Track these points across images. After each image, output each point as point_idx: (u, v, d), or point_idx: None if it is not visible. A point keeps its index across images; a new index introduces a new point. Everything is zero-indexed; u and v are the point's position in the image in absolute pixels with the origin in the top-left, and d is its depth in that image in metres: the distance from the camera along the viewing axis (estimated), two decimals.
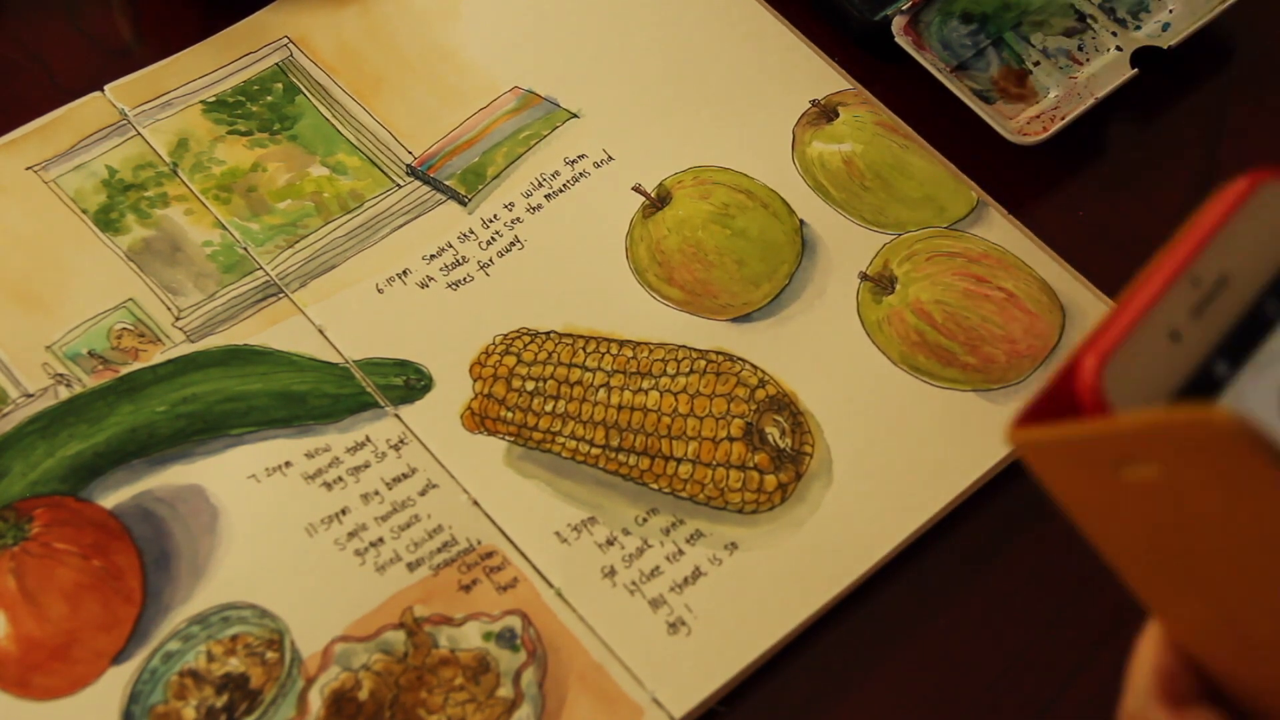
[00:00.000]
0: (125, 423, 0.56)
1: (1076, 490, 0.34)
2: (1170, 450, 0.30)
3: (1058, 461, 0.34)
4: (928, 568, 0.56)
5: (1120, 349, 0.32)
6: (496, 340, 0.59)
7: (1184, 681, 0.36)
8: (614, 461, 0.56)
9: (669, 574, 0.54)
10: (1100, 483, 0.33)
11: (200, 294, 0.59)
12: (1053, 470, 0.34)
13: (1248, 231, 0.33)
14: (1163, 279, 0.33)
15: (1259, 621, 0.33)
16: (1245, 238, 0.33)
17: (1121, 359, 0.32)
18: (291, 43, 0.67)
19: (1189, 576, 0.34)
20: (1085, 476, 0.33)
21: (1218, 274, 0.33)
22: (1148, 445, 0.31)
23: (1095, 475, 0.33)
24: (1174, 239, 0.33)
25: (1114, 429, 0.31)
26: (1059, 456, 0.33)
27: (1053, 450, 0.33)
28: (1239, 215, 0.33)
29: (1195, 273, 0.33)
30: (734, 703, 0.53)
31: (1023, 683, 0.54)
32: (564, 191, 0.63)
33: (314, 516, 0.55)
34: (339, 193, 0.62)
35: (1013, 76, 0.68)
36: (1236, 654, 0.35)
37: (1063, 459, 0.33)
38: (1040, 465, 0.34)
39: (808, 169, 0.64)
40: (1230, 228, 0.33)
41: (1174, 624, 0.36)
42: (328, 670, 0.51)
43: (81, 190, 0.61)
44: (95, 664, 0.51)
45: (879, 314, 0.60)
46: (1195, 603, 0.35)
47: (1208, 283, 0.33)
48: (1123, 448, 0.31)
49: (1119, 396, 0.32)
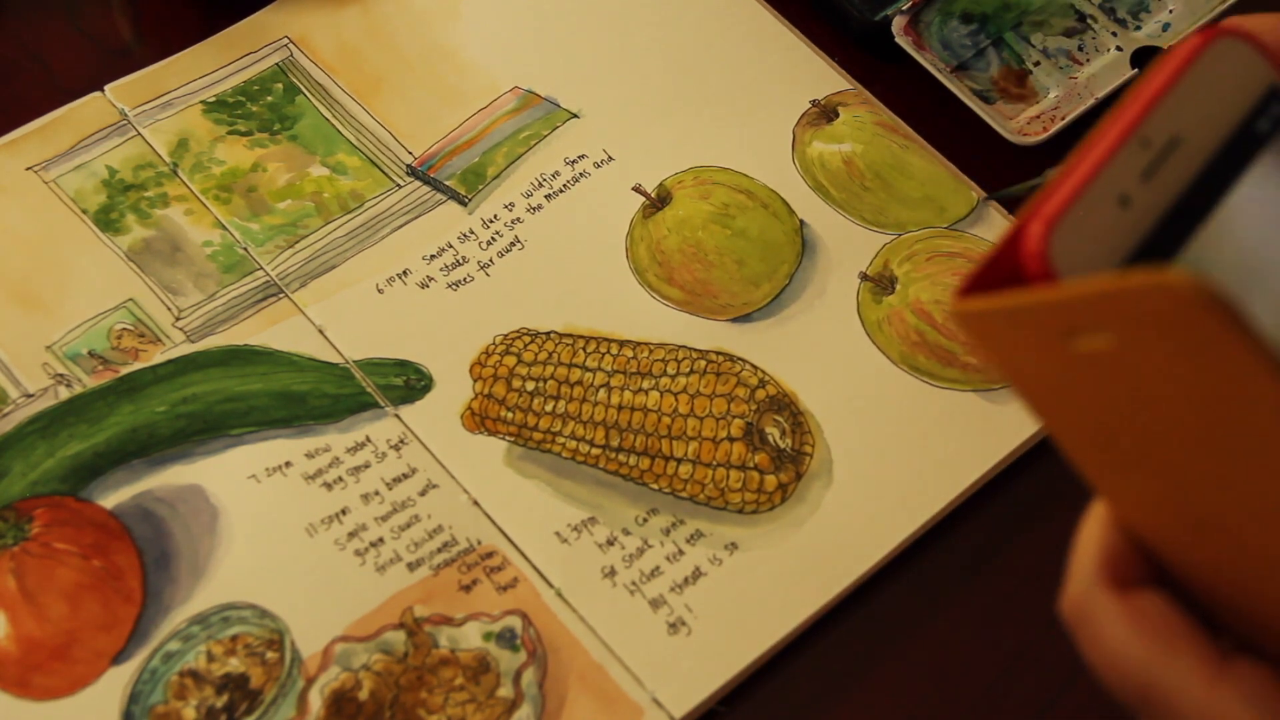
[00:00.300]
0: (125, 423, 0.56)
1: (1024, 364, 0.33)
2: (1125, 318, 0.29)
3: (1004, 333, 0.32)
4: (928, 568, 0.56)
5: (1067, 214, 0.30)
6: (496, 340, 0.59)
7: (1130, 563, 0.35)
8: (614, 461, 0.56)
9: (669, 574, 0.54)
10: (1049, 355, 0.31)
11: (200, 294, 0.59)
12: (999, 343, 0.32)
13: (1200, 91, 0.32)
14: (1111, 141, 0.31)
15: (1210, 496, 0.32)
16: (1197, 97, 0.32)
17: (1069, 225, 0.30)
18: (291, 43, 0.67)
19: (1141, 451, 0.32)
20: (1033, 349, 0.31)
21: (1169, 135, 0.31)
22: (1101, 313, 0.29)
23: (1044, 347, 0.31)
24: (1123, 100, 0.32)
25: (1065, 296, 0.30)
26: (1006, 328, 0.32)
27: (999, 321, 0.31)
28: (1190, 74, 0.32)
29: (1145, 134, 0.31)
30: (734, 703, 0.53)
31: (1023, 683, 0.54)
32: (564, 191, 0.63)
33: (314, 516, 0.55)
34: (339, 193, 0.62)
35: (1013, 76, 0.68)
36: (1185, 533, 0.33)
37: (1010, 330, 0.32)
38: (985, 338, 0.33)
39: (808, 169, 0.64)
40: (1181, 87, 0.32)
41: (1122, 503, 0.35)
42: (328, 670, 0.51)
43: (81, 190, 0.61)
44: (95, 664, 0.51)
45: (879, 314, 0.60)
46: (1146, 479, 0.33)
47: (1158, 144, 0.31)
48: (1074, 316, 0.30)
49: (1066, 264, 0.30)
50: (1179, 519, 0.33)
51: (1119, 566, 0.35)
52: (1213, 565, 0.34)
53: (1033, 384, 0.33)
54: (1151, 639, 0.33)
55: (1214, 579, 0.34)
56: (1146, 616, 0.34)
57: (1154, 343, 0.29)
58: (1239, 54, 0.32)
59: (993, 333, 0.32)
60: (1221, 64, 0.32)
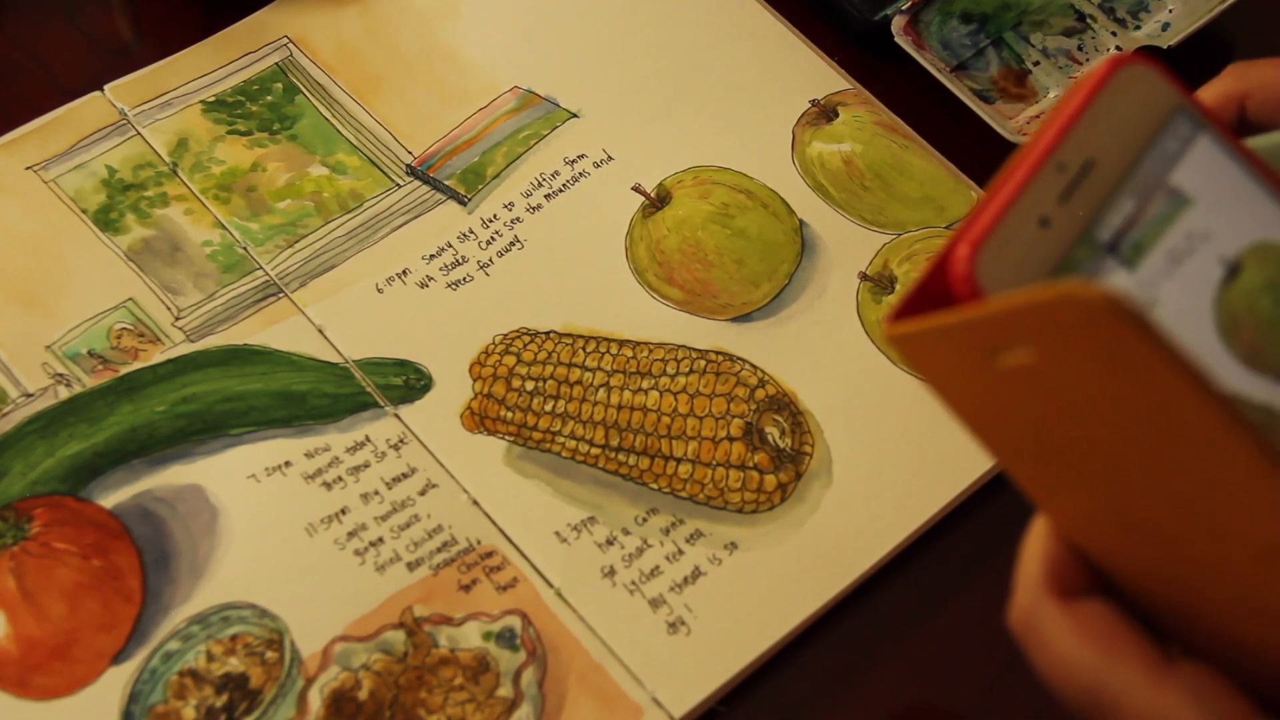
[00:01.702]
0: (125, 422, 0.56)
1: (954, 382, 0.34)
2: (1043, 331, 0.30)
3: (933, 353, 0.33)
4: (928, 568, 0.56)
5: (991, 237, 0.32)
6: (496, 340, 0.59)
7: (1074, 573, 0.36)
8: (614, 461, 0.56)
9: (669, 574, 0.54)
10: (976, 372, 0.32)
11: (200, 294, 0.59)
12: (930, 363, 0.34)
13: (1110, 115, 0.33)
14: (1029, 166, 0.33)
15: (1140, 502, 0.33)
16: (1108, 121, 0.33)
17: (993, 246, 0.32)
18: (291, 43, 0.67)
19: (1070, 464, 0.33)
20: (961, 367, 0.33)
21: (1083, 159, 0.33)
22: (1020, 327, 0.30)
23: (971, 365, 0.32)
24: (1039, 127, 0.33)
25: (986, 312, 0.31)
26: (934, 348, 0.33)
27: (928, 341, 0.33)
28: (1100, 99, 0.33)
29: (1060, 158, 0.33)
30: (734, 703, 0.53)
31: (1022, 682, 0.54)
32: (564, 191, 0.63)
33: (314, 516, 0.55)
34: (339, 192, 0.62)
35: (1012, 76, 0.68)
36: (1123, 540, 0.34)
37: (938, 350, 0.33)
38: (917, 359, 0.34)
39: (807, 169, 0.64)
40: (1093, 112, 0.33)
41: (1061, 515, 0.36)
42: (327, 670, 0.51)
43: (81, 190, 0.61)
44: (95, 664, 0.51)
45: (879, 314, 0.60)
46: (1079, 489, 0.34)
47: (1074, 167, 0.33)
48: (996, 332, 0.31)
49: (992, 284, 0.32)
50: (1115, 527, 0.34)
51: (1063, 577, 0.36)
52: (1152, 572, 0.35)
53: (964, 401, 0.34)
54: (1097, 645, 0.34)
55: (1155, 585, 0.35)
56: (1091, 624, 0.34)
57: (1070, 354, 0.30)
58: (1145, 79, 0.34)
59: (923, 353, 0.34)
60: (1129, 89, 0.34)
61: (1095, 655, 0.34)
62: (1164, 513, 0.32)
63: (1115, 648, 0.34)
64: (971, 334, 0.31)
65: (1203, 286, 0.33)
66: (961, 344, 0.32)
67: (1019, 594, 0.36)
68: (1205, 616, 0.34)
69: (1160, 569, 0.34)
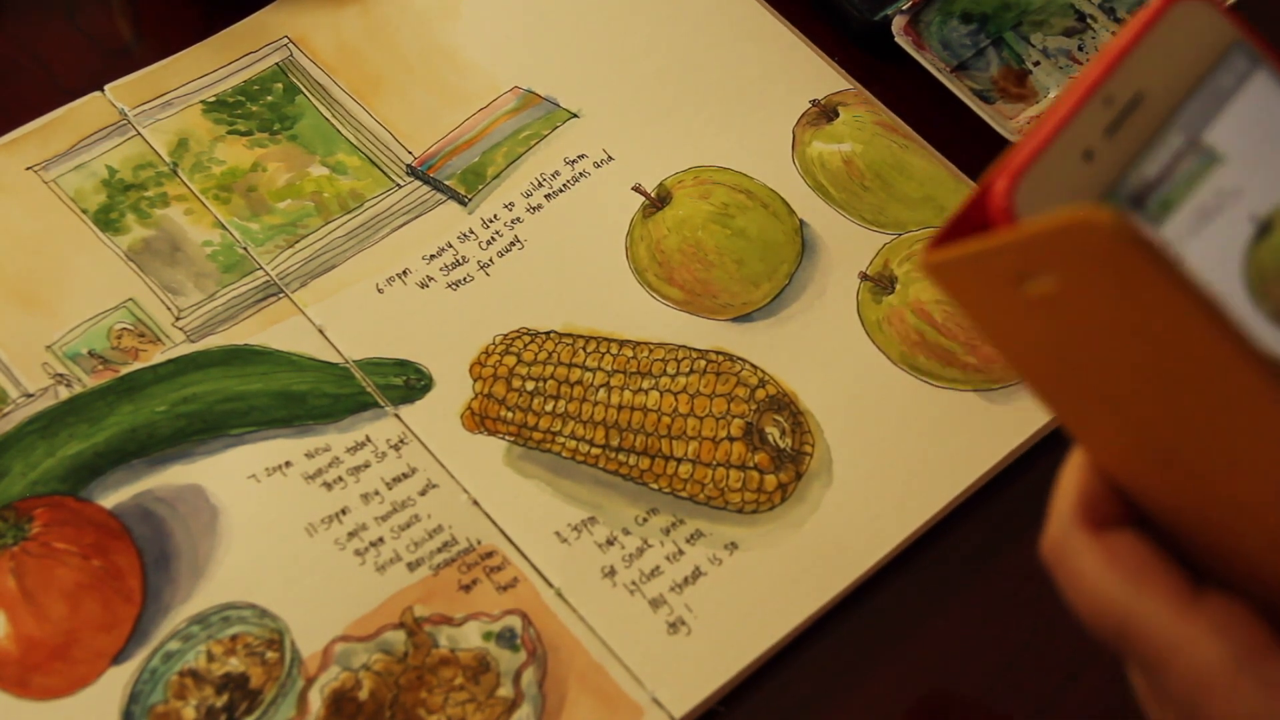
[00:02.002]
0: (125, 423, 0.56)
1: (987, 312, 0.34)
2: (1062, 257, 0.30)
3: (966, 281, 0.33)
4: (928, 568, 0.56)
5: (1032, 168, 0.32)
6: (496, 340, 0.59)
7: (1107, 505, 0.36)
8: (614, 461, 0.56)
9: (669, 574, 0.54)
10: (1006, 300, 0.32)
11: (200, 294, 0.59)
12: (963, 291, 0.34)
13: (1162, 50, 0.33)
14: (1075, 98, 0.32)
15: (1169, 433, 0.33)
16: (1160, 57, 0.33)
17: (1033, 178, 0.32)
18: (291, 43, 0.67)
19: (1098, 394, 0.34)
20: (992, 294, 0.33)
21: (1132, 93, 0.33)
22: (1042, 253, 0.30)
23: (1001, 292, 0.32)
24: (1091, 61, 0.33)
25: (1009, 238, 0.31)
26: (966, 275, 0.33)
27: (960, 269, 0.33)
28: (1152, 34, 0.33)
29: (1108, 91, 0.33)
30: (734, 703, 0.53)
31: (1023, 682, 0.54)
32: (564, 191, 0.63)
33: (314, 516, 0.55)
34: (339, 193, 0.62)
35: (1013, 76, 0.68)
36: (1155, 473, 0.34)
37: (970, 278, 0.33)
38: (951, 287, 0.34)
39: (808, 169, 0.64)
40: (1144, 47, 0.33)
41: (1095, 446, 0.36)
42: (328, 670, 0.51)
43: (81, 190, 0.61)
44: (95, 664, 0.51)
45: (879, 314, 0.60)
46: (1111, 420, 0.34)
47: (1121, 101, 0.33)
48: (1020, 258, 0.31)
49: (1029, 214, 0.32)
50: (1147, 459, 0.34)
51: (1095, 509, 0.36)
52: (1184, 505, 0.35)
53: (998, 331, 0.34)
54: (1125, 575, 0.34)
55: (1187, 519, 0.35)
56: (1120, 554, 0.35)
57: (1088, 282, 0.30)
58: (1201, 14, 0.34)
59: (957, 282, 0.34)
60: (1184, 24, 0.33)
61: (1123, 585, 0.34)
62: (1187, 447, 0.32)
63: (1143, 578, 0.34)
64: (997, 260, 0.32)
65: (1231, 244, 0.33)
66: (991, 271, 0.32)
67: (1051, 525, 0.36)
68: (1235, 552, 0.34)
69: (1189, 503, 0.34)
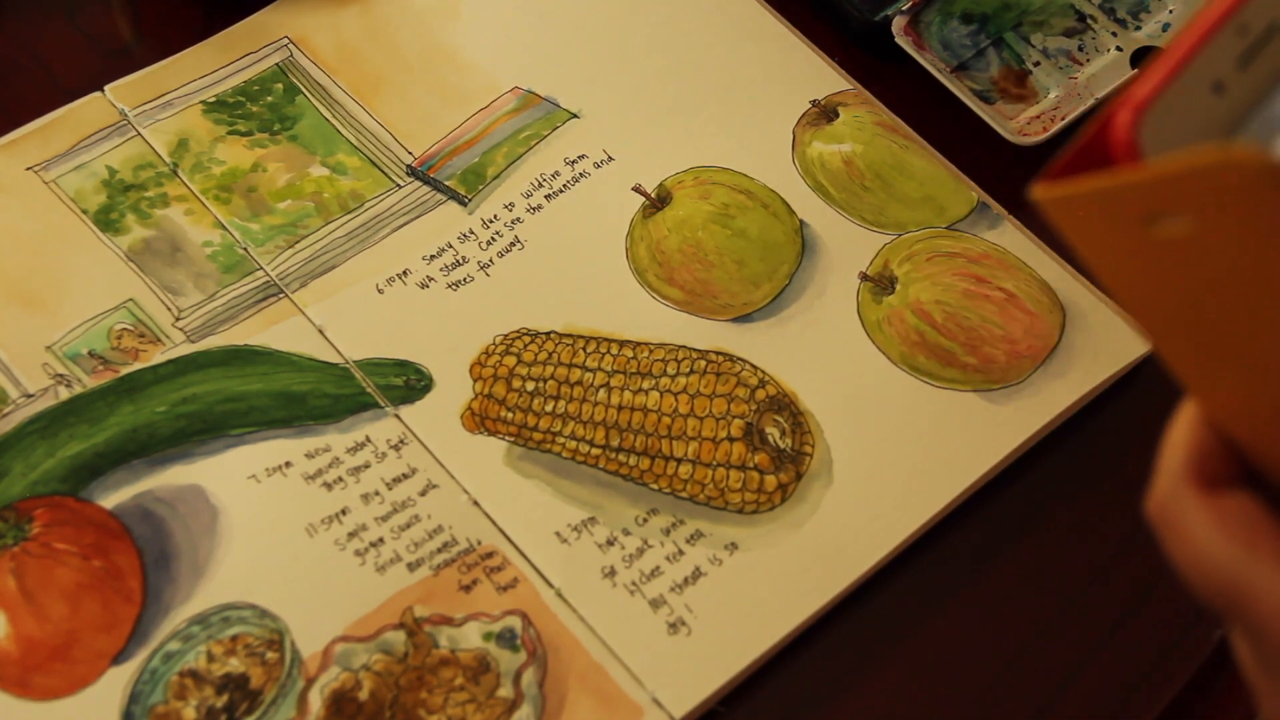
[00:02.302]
0: (125, 423, 0.56)
1: (1106, 252, 0.32)
2: (1199, 197, 0.28)
3: (1086, 220, 0.31)
4: (928, 568, 0.56)
5: (1158, 100, 0.30)
6: (496, 340, 0.59)
7: (1219, 463, 0.34)
8: (614, 462, 0.56)
9: (669, 574, 0.54)
10: (1130, 242, 0.30)
11: (200, 294, 0.59)
12: (1081, 230, 0.32)
13: None
14: (1206, 26, 0.30)
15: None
16: None
17: (1159, 111, 0.30)
18: (291, 43, 0.67)
19: (1224, 343, 0.32)
20: (1114, 235, 0.31)
21: (1268, 21, 0.31)
22: (1176, 193, 0.28)
23: (1125, 234, 0.30)
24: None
25: (1140, 177, 0.29)
26: (1087, 214, 0.31)
27: (1080, 206, 0.31)
28: None
29: (1242, 20, 0.30)
30: (734, 703, 0.53)
31: (1023, 683, 0.54)
32: (564, 192, 0.63)
33: (314, 517, 0.55)
34: (339, 193, 0.62)
35: (1013, 76, 0.68)
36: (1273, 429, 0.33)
37: (1091, 216, 0.31)
38: (1068, 225, 0.32)
39: (808, 169, 0.64)
40: None
41: (1210, 400, 0.34)
42: (328, 670, 0.51)
43: (81, 190, 0.61)
44: (95, 664, 0.51)
45: (879, 314, 0.60)
46: (1231, 373, 0.32)
47: (1256, 30, 0.30)
48: (1151, 198, 0.29)
49: (1155, 149, 0.30)
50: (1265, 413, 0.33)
51: (1207, 466, 0.34)
52: None
53: (1116, 273, 0.32)
54: (1237, 538, 0.33)
55: None
56: (1233, 516, 0.33)
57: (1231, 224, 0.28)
58: None
59: (1075, 219, 0.32)
60: None
61: (1235, 548, 0.33)
62: None
63: (1257, 542, 0.33)
64: (1125, 199, 0.29)
65: None
66: (1116, 211, 0.30)
67: (1159, 481, 0.35)
68: None
69: None
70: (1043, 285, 0.61)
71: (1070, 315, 0.61)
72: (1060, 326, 0.60)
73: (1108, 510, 0.58)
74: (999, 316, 0.60)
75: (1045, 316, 0.61)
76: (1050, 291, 0.61)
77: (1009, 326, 0.60)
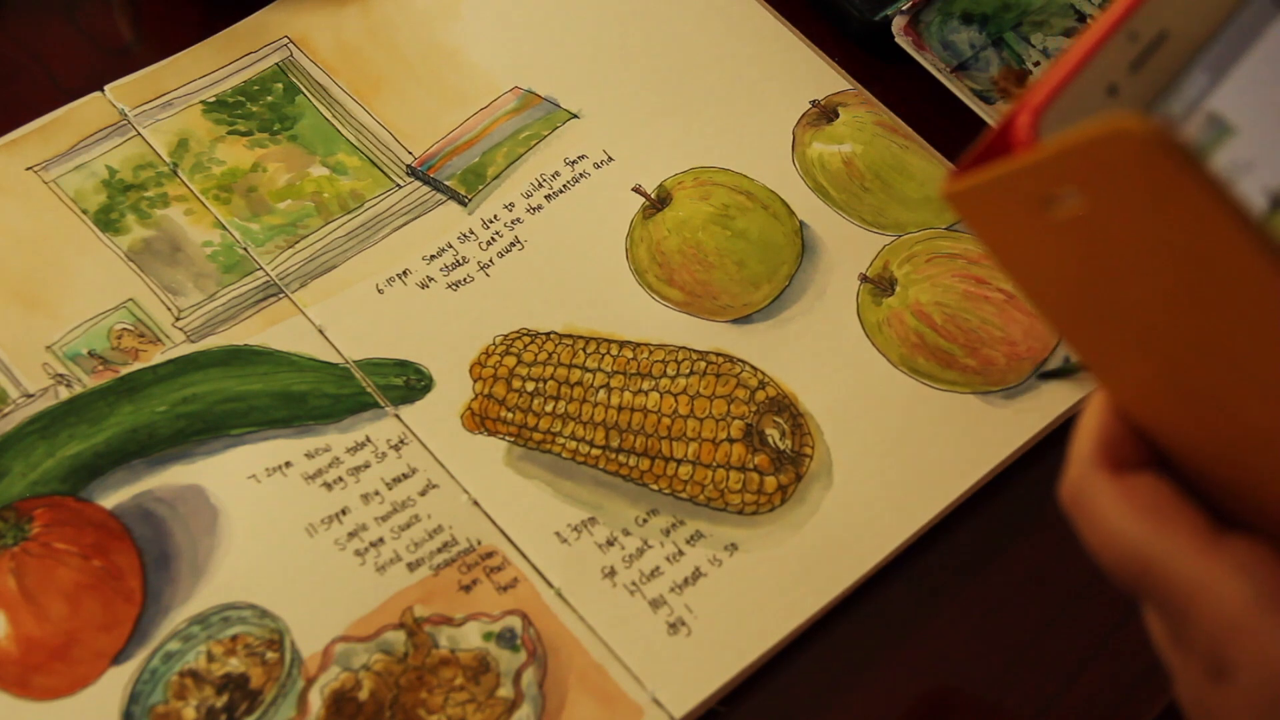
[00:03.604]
0: (125, 423, 0.56)
1: (1010, 241, 0.33)
2: (1092, 170, 0.30)
3: (990, 209, 0.33)
4: (928, 569, 0.56)
5: (1056, 101, 0.31)
6: (497, 340, 0.59)
7: (1127, 447, 0.35)
8: (614, 462, 0.57)
9: (669, 574, 0.54)
10: (1031, 227, 0.32)
11: (200, 294, 0.59)
12: (986, 221, 0.33)
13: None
14: (1099, 33, 0.32)
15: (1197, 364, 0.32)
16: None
17: (1057, 111, 0.31)
18: (291, 43, 0.67)
19: (1124, 323, 0.33)
20: (1016, 222, 0.32)
21: (1157, 29, 0.32)
22: (1070, 168, 0.30)
23: (1025, 218, 0.32)
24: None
25: (1036, 157, 0.30)
26: (990, 202, 0.32)
27: (983, 195, 0.32)
28: None
29: (1133, 27, 0.32)
30: (734, 703, 0.53)
31: (1023, 683, 0.54)
32: (564, 192, 0.63)
33: (314, 517, 0.55)
34: (339, 193, 0.62)
35: (1013, 76, 0.68)
36: (1179, 410, 0.34)
37: (994, 204, 0.32)
38: (973, 216, 0.33)
39: (808, 170, 0.64)
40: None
41: (1117, 385, 0.35)
42: (328, 670, 0.51)
43: (81, 190, 0.61)
44: (95, 664, 0.51)
45: (879, 316, 0.60)
46: (1133, 353, 0.33)
47: (1146, 37, 0.32)
48: (1047, 177, 0.30)
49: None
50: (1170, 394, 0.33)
51: (1116, 451, 0.35)
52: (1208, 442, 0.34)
53: (1020, 261, 0.34)
54: (1145, 516, 0.34)
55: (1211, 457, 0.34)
56: (1141, 496, 0.34)
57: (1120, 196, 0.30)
58: None
59: (980, 210, 0.33)
60: None
61: (1144, 526, 0.34)
62: (1217, 372, 0.32)
63: (1164, 519, 0.34)
64: (1024, 181, 0.31)
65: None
66: (1016, 195, 0.31)
67: (1070, 467, 0.36)
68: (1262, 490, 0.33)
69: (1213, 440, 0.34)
70: None
71: None
72: None
73: None
74: (999, 318, 0.60)
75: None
76: None
77: (1009, 328, 0.60)
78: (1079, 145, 0.29)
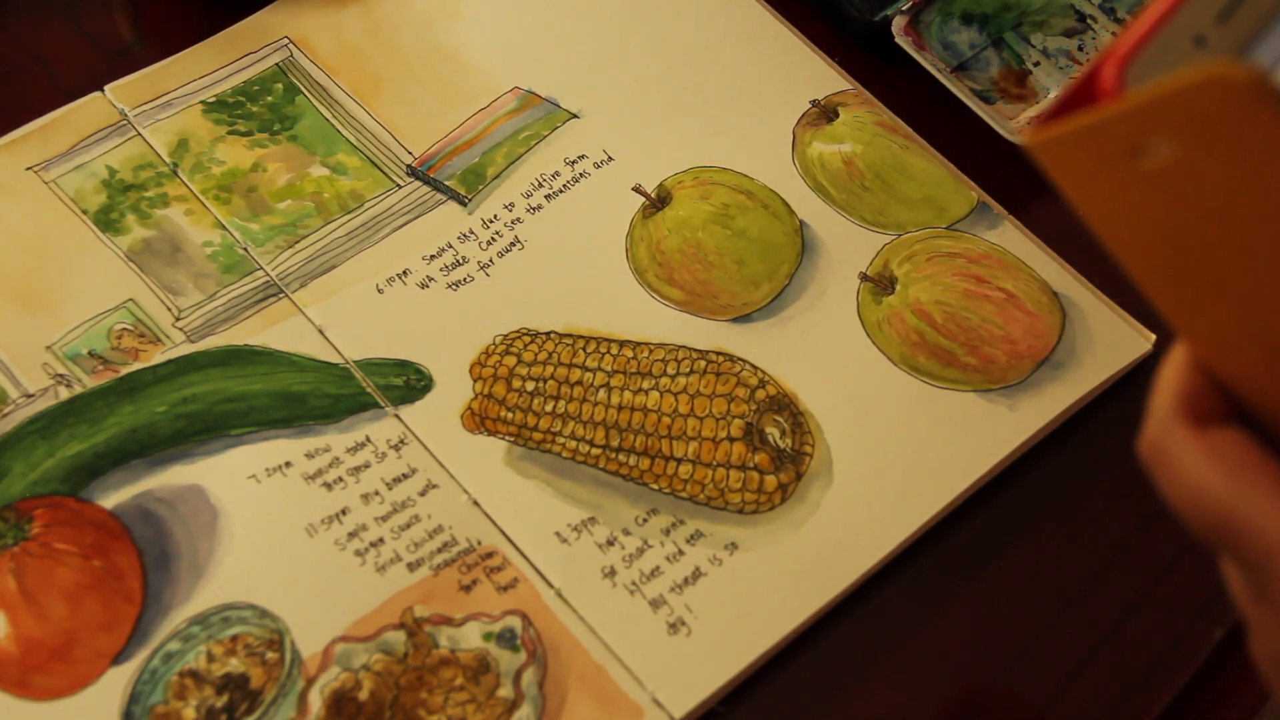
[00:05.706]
0: (125, 423, 0.56)
1: (1096, 194, 0.33)
2: (1183, 119, 0.29)
3: (1074, 159, 0.32)
4: (928, 568, 0.56)
5: (1141, 53, 0.31)
6: (496, 340, 0.59)
7: (1209, 401, 0.34)
8: (614, 462, 0.56)
9: (669, 574, 0.54)
10: (1118, 179, 0.31)
11: (200, 294, 0.59)
12: (1070, 172, 0.32)
13: None
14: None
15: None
16: None
17: (1142, 63, 0.31)
18: (291, 43, 0.67)
19: (1213, 279, 0.32)
20: (1103, 174, 0.31)
21: None
22: (1160, 117, 0.29)
23: (1113, 170, 0.31)
24: None
25: (1125, 106, 0.30)
26: (1075, 152, 0.32)
27: (1068, 145, 0.31)
28: None
29: None
30: (734, 703, 0.53)
31: (1022, 683, 0.54)
32: (564, 192, 0.63)
33: (314, 517, 0.55)
34: (339, 193, 0.62)
35: (1013, 76, 0.68)
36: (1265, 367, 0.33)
37: (1079, 155, 0.32)
38: (1058, 170, 0.33)
39: (808, 169, 0.64)
40: None
41: (1199, 339, 0.35)
42: (328, 670, 0.51)
43: (81, 190, 0.61)
44: (95, 664, 0.51)
45: (879, 314, 0.60)
46: (1220, 309, 0.33)
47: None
48: (1136, 127, 0.30)
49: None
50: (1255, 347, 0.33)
51: (1197, 404, 0.35)
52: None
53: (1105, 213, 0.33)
54: (1229, 472, 0.33)
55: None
56: (1224, 451, 0.34)
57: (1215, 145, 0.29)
58: None
59: (1064, 161, 0.32)
60: None
61: (1226, 482, 0.33)
62: None
63: (1247, 475, 0.33)
64: (1113, 132, 0.30)
65: None
66: (1103, 145, 0.31)
67: (1150, 421, 0.35)
68: None
69: None
70: (1043, 285, 0.61)
71: (1070, 315, 0.61)
72: (1060, 327, 0.60)
73: (1107, 510, 0.58)
74: (999, 317, 0.60)
75: (1045, 317, 0.61)
76: (1050, 292, 0.61)
77: (1009, 327, 0.60)
78: (1173, 93, 0.28)
